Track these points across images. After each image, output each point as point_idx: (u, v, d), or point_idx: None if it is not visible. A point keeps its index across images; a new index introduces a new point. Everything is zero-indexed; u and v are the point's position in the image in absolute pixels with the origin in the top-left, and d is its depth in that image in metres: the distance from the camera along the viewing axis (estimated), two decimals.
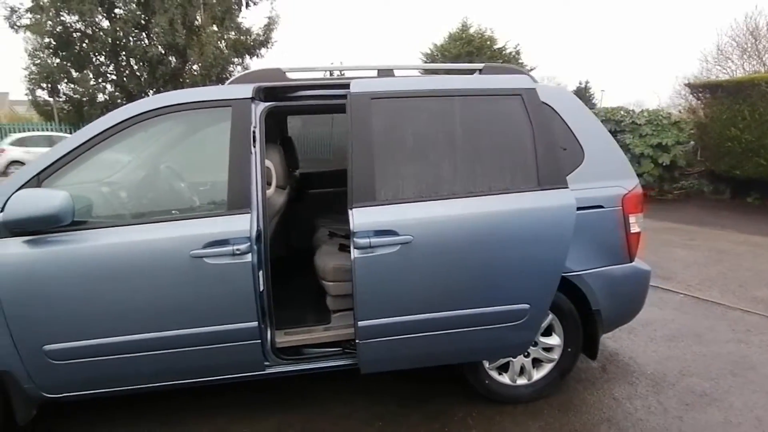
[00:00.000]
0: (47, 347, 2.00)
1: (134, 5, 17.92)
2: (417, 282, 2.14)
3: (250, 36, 20.03)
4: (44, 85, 18.86)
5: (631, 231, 2.50)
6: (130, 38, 18.81)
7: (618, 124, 10.05)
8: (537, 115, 2.30)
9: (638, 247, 2.58)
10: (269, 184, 2.72)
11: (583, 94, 28.78)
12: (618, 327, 2.82)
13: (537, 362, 2.60)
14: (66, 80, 18.88)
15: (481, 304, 2.22)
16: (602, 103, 28.47)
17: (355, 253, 2.06)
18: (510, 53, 26.67)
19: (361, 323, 2.13)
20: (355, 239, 2.05)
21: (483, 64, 2.57)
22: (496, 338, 2.28)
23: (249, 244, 2.03)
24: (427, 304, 2.18)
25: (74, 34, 18.71)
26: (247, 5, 20.51)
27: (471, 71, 2.61)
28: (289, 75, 2.43)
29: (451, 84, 2.36)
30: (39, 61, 18.27)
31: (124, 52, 19.09)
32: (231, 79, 2.37)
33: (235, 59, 20.25)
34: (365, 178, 2.12)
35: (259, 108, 2.24)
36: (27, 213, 1.86)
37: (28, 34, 18.18)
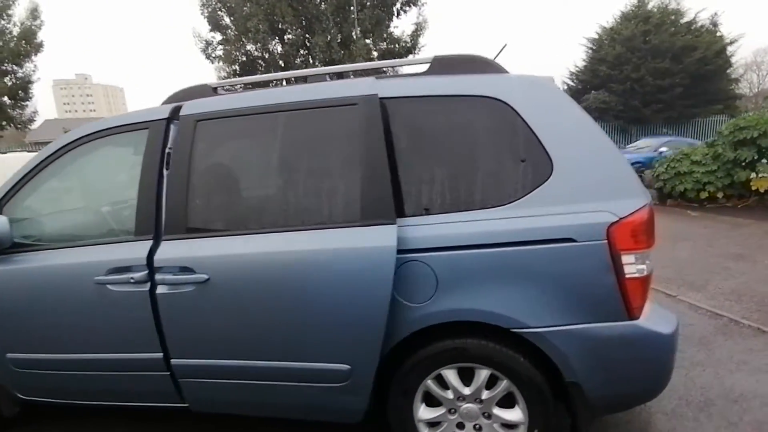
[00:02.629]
0: (9, 355, 2.26)
1: (299, 29, 20.07)
2: (216, 326, 1.95)
3: (399, 44, 20.59)
4: None
5: (628, 275, 1.72)
6: (297, 59, 21.15)
7: None
8: (373, 129, 1.82)
9: (644, 297, 1.77)
10: None
11: None
12: (622, 409, 1.99)
13: None
14: None
15: (288, 358, 1.91)
16: None
17: (158, 289, 1.95)
18: (702, 26, 22.18)
19: (173, 361, 2.03)
20: (158, 275, 1.94)
21: (433, 56, 2.06)
22: (318, 398, 1.95)
23: (147, 272, 1.98)
24: (231, 350, 1.97)
25: (255, 60, 21.86)
26: (398, 15, 21.16)
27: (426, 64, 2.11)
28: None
29: (284, 97, 2.00)
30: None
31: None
32: (165, 99, 2.36)
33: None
34: (177, 209, 1.99)
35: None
36: None
37: (220, 63, 21.83)
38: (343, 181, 1.91)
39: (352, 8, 19.39)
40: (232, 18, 21.70)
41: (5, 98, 18.20)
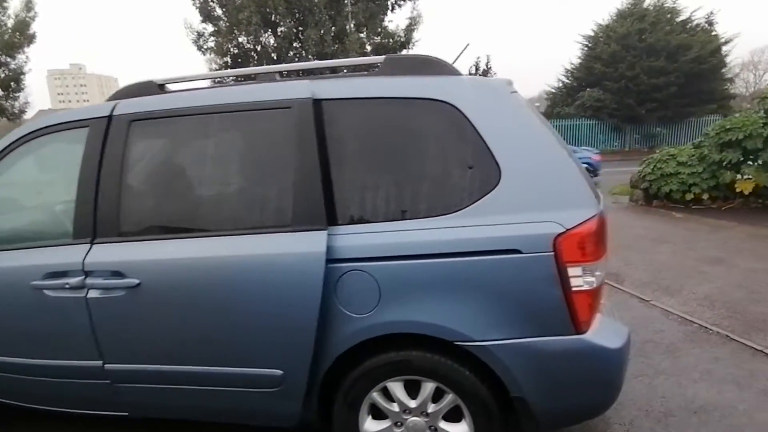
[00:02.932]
0: None
1: (291, 22, 19.86)
2: (149, 331, 1.92)
3: (392, 39, 20.44)
4: None
5: (574, 288, 1.66)
6: (290, 52, 20.96)
7: None
8: (306, 132, 1.78)
9: (593, 311, 1.71)
10: None
11: None
12: (570, 424, 1.94)
13: None
14: None
15: (221, 363, 1.88)
16: None
17: (90, 293, 1.92)
18: (697, 25, 22.16)
19: (107, 366, 1.99)
20: (89, 279, 1.91)
21: (385, 56, 1.98)
22: (253, 403, 1.92)
23: (82, 277, 1.92)
24: (165, 355, 1.94)
25: (248, 53, 21.65)
26: (393, 9, 20.99)
27: (370, 66, 2.04)
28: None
29: (220, 99, 1.95)
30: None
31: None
32: (109, 96, 2.27)
33: None
34: (109, 211, 1.95)
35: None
36: None
37: (212, 55, 21.61)
38: (276, 186, 1.86)
39: (345, 1, 19.20)
40: (224, 9, 21.47)
41: None
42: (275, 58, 21.41)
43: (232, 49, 21.72)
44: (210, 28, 22.01)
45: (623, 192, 9.07)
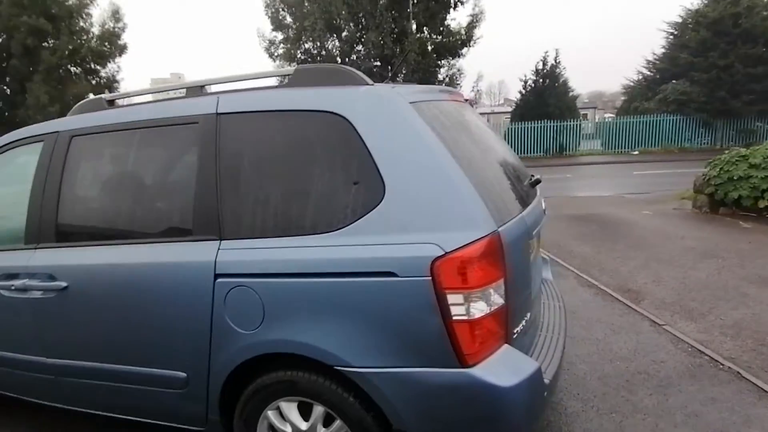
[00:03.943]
0: None
1: (353, 26, 20.18)
2: (74, 330, 2.09)
3: (453, 37, 20.04)
4: None
5: (456, 317, 1.50)
6: (352, 55, 21.34)
7: None
8: (208, 146, 1.85)
9: (483, 342, 1.54)
10: None
11: None
12: None
13: None
14: None
15: (134, 363, 1.98)
16: None
17: (32, 294, 2.09)
18: None
19: (49, 361, 2.15)
20: (31, 281, 2.09)
21: (295, 68, 1.93)
22: (164, 402, 2.00)
23: (26, 280, 2.11)
24: (88, 352, 2.08)
25: (314, 58, 22.35)
26: (455, 6, 20.56)
27: (284, 77, 2.00)
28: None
29: (140, 115, 2.04)
30: None
31: None
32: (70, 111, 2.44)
33: (441, 62, 20.67)
34: (50, 219, 2.11)
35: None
36: None
37: (281, 61, 22.56)
38: (184, 198, 1.91)
39: (407, 2, 19.09)
40: (293, 17, 22.37)
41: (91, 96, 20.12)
42: (339, 62, 21.94)
43: (300, 56, 22.58)
44: (280, 36, 23.06)
45: (692, 197, 8.14)
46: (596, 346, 3.09)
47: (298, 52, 22.54)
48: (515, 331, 1.73)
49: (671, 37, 22.04)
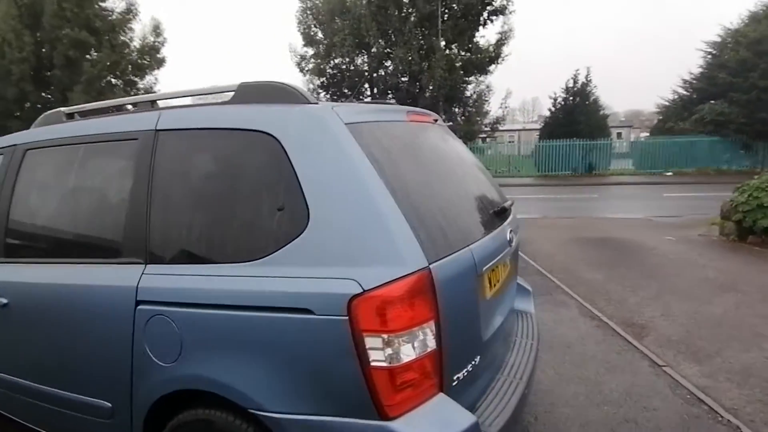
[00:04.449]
0: None
1: (381, 42, 20.32)
2: (13, 346, 2.07)
3: (481, 54, 19.88)
4: None
5: (374, 363, 1.35)
6: (380, 70, 21.51)
7: None
8: (141, 165, 1.78)
9: (402, 392, 1.38)
10: None
11: None
12: None
13: None
14: None
15: (63, 387, 1.92)
16: None
17: None
18: None
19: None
20: None
21: (239, 83, 1.83)
22: (94, 430, 1.91)
23: None
24: (23, 370, 2.05)
25: (343, 73, 22.63)
26: (485, 24, 20.44)
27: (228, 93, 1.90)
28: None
29: (89, 129, 2.02)
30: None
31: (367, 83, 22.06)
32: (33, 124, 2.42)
33: (468, 78, 20.53)
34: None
35: None
36: None
37: (310, 76, 22.94)
38: (115, 218, 1.84)
39: (436, 19, 19.11)
40: (323, 33, 22.79)
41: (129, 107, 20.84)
42: (367, 76, 22.15)
43: (329, 70, 22.95)
44: (311, 51, 23.50)
45: (720, 224, 7.66)
46: (585, 387, 2.84)
47: (328, 67, 22.95)
48: (456, 377, 1.56)
49: (709, 56, 21.22)
